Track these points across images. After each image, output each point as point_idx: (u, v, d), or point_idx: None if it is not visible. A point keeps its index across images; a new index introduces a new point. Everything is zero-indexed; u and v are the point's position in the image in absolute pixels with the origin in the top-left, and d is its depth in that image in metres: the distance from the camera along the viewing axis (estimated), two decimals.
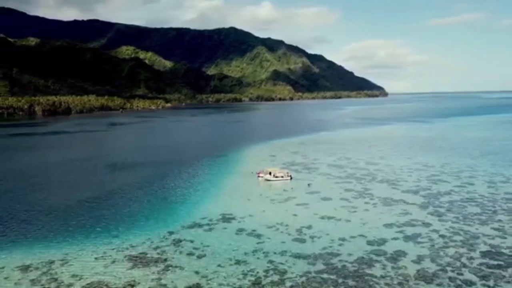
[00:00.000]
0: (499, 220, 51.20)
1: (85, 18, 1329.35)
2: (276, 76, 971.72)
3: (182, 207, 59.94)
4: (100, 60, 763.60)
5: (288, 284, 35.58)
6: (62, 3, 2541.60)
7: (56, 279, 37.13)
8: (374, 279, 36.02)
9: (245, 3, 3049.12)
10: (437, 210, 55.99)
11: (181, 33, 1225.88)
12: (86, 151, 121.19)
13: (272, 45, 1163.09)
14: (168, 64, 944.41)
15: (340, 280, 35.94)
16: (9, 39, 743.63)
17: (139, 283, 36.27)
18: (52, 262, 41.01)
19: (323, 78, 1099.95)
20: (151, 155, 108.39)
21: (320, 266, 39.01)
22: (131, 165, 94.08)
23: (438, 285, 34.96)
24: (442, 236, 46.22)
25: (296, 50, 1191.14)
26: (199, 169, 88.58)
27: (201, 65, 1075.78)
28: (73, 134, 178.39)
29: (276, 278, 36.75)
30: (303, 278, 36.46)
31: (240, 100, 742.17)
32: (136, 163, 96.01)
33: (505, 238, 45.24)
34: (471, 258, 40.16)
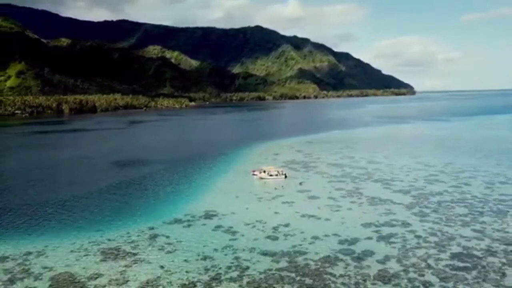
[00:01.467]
0: (483, 222, 49.88)
1: (114, 19, 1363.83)
2: (302, 75, 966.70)
3: (168, 203, 61.28)
4: (128, 60, 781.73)
5: (245, 280, 36.12)
6: (93, 4, 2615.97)
7: (27, 270, 39.00)
8: (332, 278, 36.07)
9: (271, 1, 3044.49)
10: (422, 211, 55.02)
11: (207, 32, 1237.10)
12: (95, 148, 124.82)
13: (297, 43, 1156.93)
14: (194, 63, 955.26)
15: (297, 278, 36.16)
16: (42, 40, 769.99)
17: (103, 275, 37.64)
18: (29, 253, 43.02)
19: (349, 76, 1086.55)
20: (156, 153, 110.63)
21: (283, 263, 39.29)
22: (133, 162, 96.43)
23: (395, 285, 34.69)
24: (417, 237, 45.53)
25: (322, 48, 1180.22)
26: (198, 166, 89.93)
27: (226, 64, 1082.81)
28: (90, 132, 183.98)
29: (235, 274, 37.32)
30: (262, 275, 36.89)
31: (263, 99, 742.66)
32: (139, 161, 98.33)
33: (482, 240, 44.13)
34: (439, 259, 39.47)
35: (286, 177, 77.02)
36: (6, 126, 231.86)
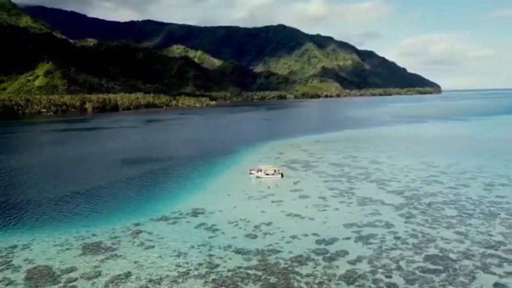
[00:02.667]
0: (469, 224, 48.79)
1: (140, 19, 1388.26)
2: (324, 73, 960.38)
3: (159, 201, 62.51)
4: (151, 59, 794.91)
5: (211, 277, 36.70)
6: (119, 5, 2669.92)
7: (8, 262, 40.86)
8: (297, 277, 36.23)
9: (294, 0, 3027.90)
10: (410, 212, 54.21)
11: (230, 31, 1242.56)
12: (103, 147, 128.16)
13: (321, 41, 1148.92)
14: (217, 62, 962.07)
15: (263, 277, 36.50)
16: (70, 40, 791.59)
17: (77, 268, 39.03)
18: (15, 246, 44.99)
19: (373, 75, 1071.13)
20: (161, 151, 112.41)
21: (253, 262, 39.67)
22: (136, 160, 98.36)
23: (358, 286, 34.56)
24: (397, 238, 45.03)
25: (345, 46, 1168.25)
26: (199, 165, 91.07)
27: (249, 63, 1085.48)
28: (105, 130, 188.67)
29: (204, 271, 37.95)
30: (230, 273, 37.39)
31: (285, 98, 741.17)
32: (142, 159, 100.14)
33: (462, 243, 43.26)
34: (411, 261, 38.99)
35: (282, 176, 77.15)
36: (29, 124, 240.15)
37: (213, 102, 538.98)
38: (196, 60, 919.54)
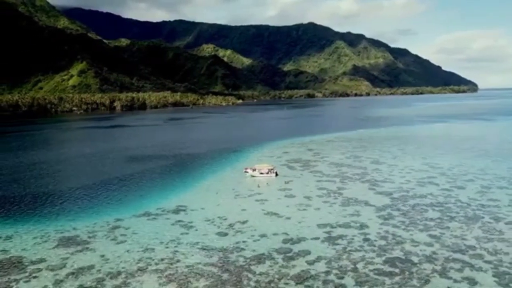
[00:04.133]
0: (446, 228, 47.54)
1: (172, 19, 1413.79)
2: (355, 72, 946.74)
3: (146, 197, 64.21)
4: (181, 59, 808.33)
5: (167, 272, 37.67)
6: (152, 6, 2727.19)
7: None
8: (250, 275, 36.65)
9: None
10: (391, 213, 53.31)
11: (260, 30, 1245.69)
12: (115, 144, 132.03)
13: (351, 39, 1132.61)
14: (246, 61, 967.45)
15: (217, 274, 37.14)
16: (104, 40, 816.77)
17: (46, 260, 41.02)
18: None
19: (405, 73, 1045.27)
20: (166, 149, 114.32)
21: (214, 259, 40.36)
22: (138, 158, 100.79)
23: (306, 286, 34.59)
24: (365, 240, 44.55)
25: (377, 44, 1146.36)
26: (198, 163, 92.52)
27: (278, 62, 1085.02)
28: (125, 128, 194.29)
29: (163, 266, 38.99)
30: (186, 269, 38.26)
31: (313, 96, 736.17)
32: (146, 157, 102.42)
33: (430, 246, 42.31)
34: (371, 263, 38.60)
35: (277, 175, 77.30)
36: (57, 121, 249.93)
37: (240, 101, 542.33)
38: (225, 59, 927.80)
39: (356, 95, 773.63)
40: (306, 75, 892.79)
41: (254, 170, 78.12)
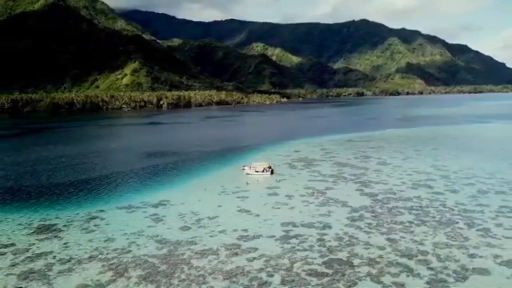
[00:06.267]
0: (410, 232, 45.92)
1: (224, 18, 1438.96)
2: (408, 69, 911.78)
3: (135, 191, 67.11)
4: (230, 58, 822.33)
5: (111, 262, 39.88)
6: (205, 6, 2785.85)
7: None
8: (185, 268, 38.03)
9: None
10: (362, 215, 52.16)
11: (311, 28, 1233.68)
12: (137, 140, 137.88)
13: (406, 36, 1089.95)
14: (295, 59, 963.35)
15: (156, 265, 38.88)
16: (158, 40, 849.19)
17: (16, 245, 44.80)
18: None
19: (464, 71, 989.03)
20: (183, 146, 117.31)
21: (163, 251, 42.08)
22: (151, 154, 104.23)
23: (232, 282, 35.31)
24: (319, 240, 44.29)
25: (434, 40, 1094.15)
26: (203, 161, 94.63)
27: (328, 60, 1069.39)
28: (158, 125, 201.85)
29: (111, 256, 41.30)
30: (131, 260, 40.36)
31: (362, 95, 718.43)
32: (157, 153, 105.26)
33: (382, 249, 41.26)
34: (308, 263, 38.56)
35: (272, 173, 77.59)
36: (103, 118, 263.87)
37: (284, 100, 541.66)
38: (274, 57, 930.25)
39: (408, 93, 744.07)
40: (356, 73, 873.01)
41: (250, 168, 78.90)
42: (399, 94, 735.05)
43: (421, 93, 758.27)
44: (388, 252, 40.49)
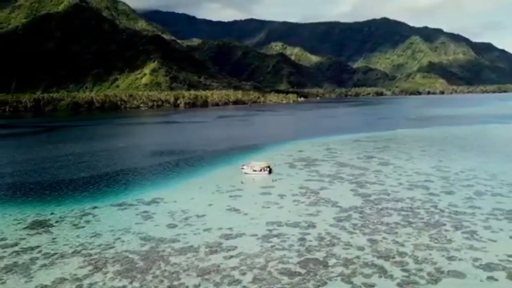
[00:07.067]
0: (394, 233, 45.45)
1: (243, 18, 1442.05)
2: (430, 68, 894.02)
3: (132, 189, 68.42)
4: (248, 57, 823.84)
5: (94, 256, 40.95)
6: (224, 6, 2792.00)
7: None
8: (162, 265, 38.71)
9: None
10: (350, 216, 51.88)
11: (330, 27, 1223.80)
12: (145, 139, 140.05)
13: (428, 34, 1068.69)
14: (314, 59, 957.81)
15: (135, 261, 39.69)
16: (178, 40, 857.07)
17: (7, 239, 46.42)
18: None
19: (488, 70, 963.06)
20: (190, 145, 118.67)
21: (143, 248, 42.90)
22: (156, 152, 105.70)
23: (204, 279, 35.80)
24: (300, 240, 44.33)
25: (457, 39, 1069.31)
26: (205, 160, 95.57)
27: (348, 59, 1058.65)
28: (171, 124, 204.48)
29: (95, 251, 42.38)
30: (112, 255, 41.29)
31: (381, 94, 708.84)
32: (164, 151, 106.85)
33: (360, 250, 41.05)
34: (284, 262, 38.68)
35: (270, 173, 77.77)
36: (118, 117, 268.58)
37: (302, 99, 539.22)
38: (293, 57, 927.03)
39: (429, 93, 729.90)
40: (375, 73, 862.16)
41: (248, 167, 79.24)
42: (419, 93, 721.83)
43: (442, 92, 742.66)
44: (366, 253, 40.23)
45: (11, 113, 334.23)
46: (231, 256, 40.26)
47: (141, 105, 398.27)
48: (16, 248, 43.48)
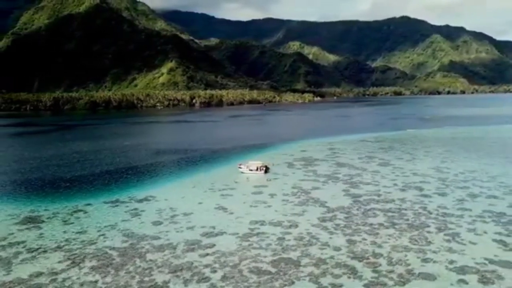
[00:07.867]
0: (375, 234, 45.12)
1: (261, 17, 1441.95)
2: (451, 67, 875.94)
3: (127, 186, 69.56)
4: (266, 56, 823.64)
5: (75, 252, 42.01)
6: (243, 5, 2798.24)
7: None
8: (138, 261, 39.44)
9: None
10: (335, 216, 51.67)
11: (349, 26, 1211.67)
12: (153, 137, 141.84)
13: (450, 33, 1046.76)
14: (332, 58, 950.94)
15: (112, 257, 40.54)
16: (196, 40, 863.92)
17: None
18: None
19: None
20: (195, 144, 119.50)
21: (124, 244, 43.76)
22: (160, 151, 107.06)
23: (175, 276, 36.37)
24: (279, 239, 44.46)
25: (479, 37, 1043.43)
26: (204, 159, 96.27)
27: (366, 58, 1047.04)
28: (183, 123, 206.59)
29: (76, 247, 43.44)
30: (92, 251, 42.26)
31: (400, 94, 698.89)
32: (167, 150, 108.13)
33: (337, 250, 40.95)
34: (257, 261, 38.93)
35: (266, 172, 77.95)
36: (133, 116, 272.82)
37: (318, 99, 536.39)
38: (311, 56, 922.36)
39: (449, 93, 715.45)
40: (394, 72, 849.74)
41: (245, 166, 79.59)
42: (439, 93, 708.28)
43: (463, 92, 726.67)
44: (341, 254, 40.11)
45: (31, 111, 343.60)
46: (207, 254, 40.72)
47: (157, 104, 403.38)
48: (3, 243, 44.94)
